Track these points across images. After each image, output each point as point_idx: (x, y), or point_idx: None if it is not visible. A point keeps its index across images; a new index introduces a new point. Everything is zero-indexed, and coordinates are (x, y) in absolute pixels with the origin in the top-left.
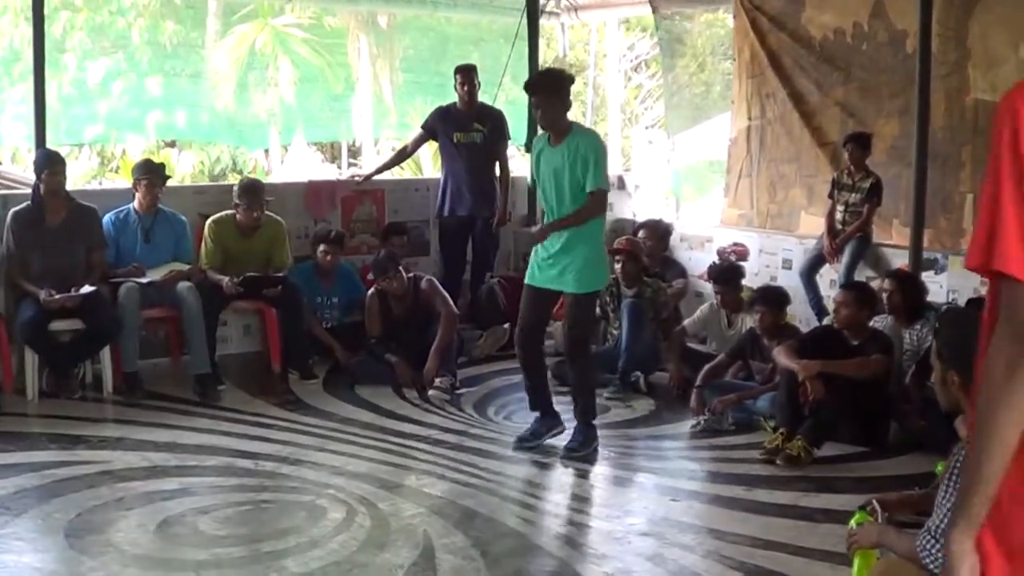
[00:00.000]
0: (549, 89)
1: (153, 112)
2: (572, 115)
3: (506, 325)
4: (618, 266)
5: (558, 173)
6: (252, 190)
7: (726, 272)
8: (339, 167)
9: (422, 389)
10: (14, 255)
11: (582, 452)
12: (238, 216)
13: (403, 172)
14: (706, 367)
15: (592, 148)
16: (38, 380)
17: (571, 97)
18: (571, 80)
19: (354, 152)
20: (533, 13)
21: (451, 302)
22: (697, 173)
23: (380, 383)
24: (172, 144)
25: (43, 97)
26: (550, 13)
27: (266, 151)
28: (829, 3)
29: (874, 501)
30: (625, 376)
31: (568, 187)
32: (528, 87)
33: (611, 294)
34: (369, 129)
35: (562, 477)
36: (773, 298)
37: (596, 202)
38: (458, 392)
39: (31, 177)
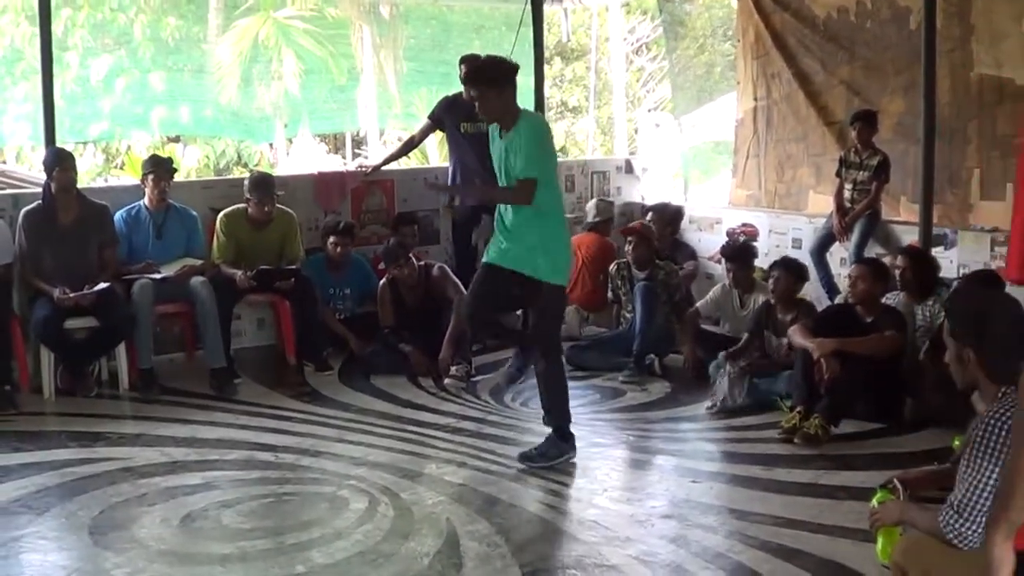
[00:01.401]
0: (482, 80)
1: (157, 108)
2: (575, 99)
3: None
4: (629, 247)
5: (506, 164)
6: (264, 184)
7: (739, 250)
8: (343, 157)
9: (437, 377)
10: (27, 254)
11: (537, 463)
12: (250, 210)
13: (410, 161)
14: (731, 350)
15: (527, 135)
16: (54, 378)
17: (513, 86)
18: (510, 69)
19: (357, 142)
20: None
21: (463, 289)
22: (704, 155)
23: (395, 373)
24: (177, 139)
25: (51, 95)
26: None
27: (270, 144)
28: None
29: (895, 479)
30: (640, 359)
31: (508, 178)
32: (462, 78)
33: (622, 277)
34: (374, 119)
35: (582, 461)
36: (791, 264)
37: (516, 190)
38: (473, 379)
39: (37, 176)
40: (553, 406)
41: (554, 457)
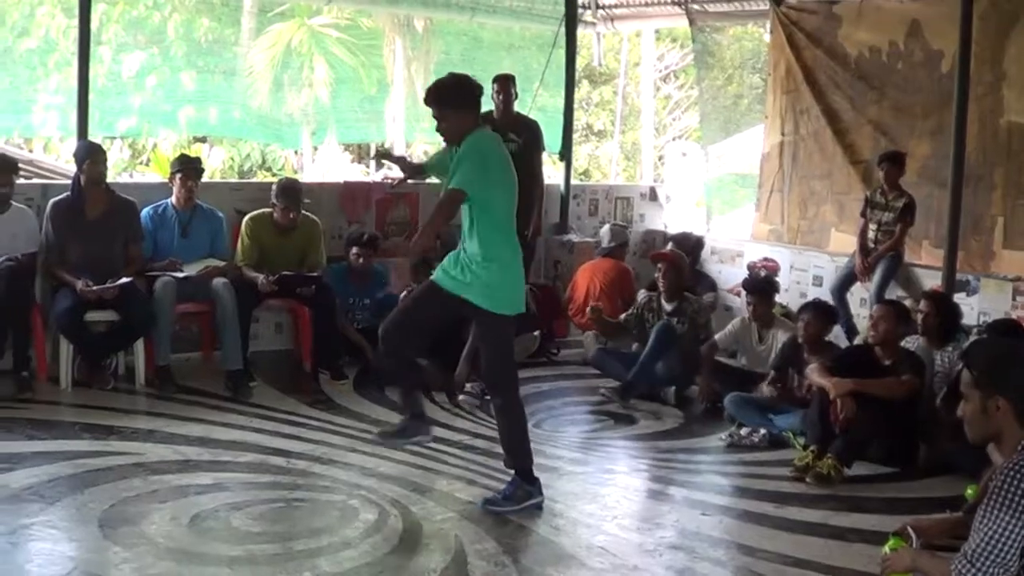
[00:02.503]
0: (441, 100)
1: (186, 107)
2: (601, 123)
3: (536, 332)
4: (659, 275)
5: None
6: (291, 191)
7: (761, 284)
8: (367, 167)
9: (452, 394)
10: (53, 245)
11: (503, 507)
12: (275, 215)
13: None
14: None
15: (466, 149)
16: (71, 369)
17: (475, 108)
18: (471, 88)
19: (382, 153)
20: (571, 22)
21: None
22: (728, 186)
23: None
24: (203, 140)
25: (87, 88)
26: (586, 23)
27: (296, 150)
28: (866, 21)
29: (908, 526)
30: (628, 388)
31: None
32: (424, 99)
33: (651, 310)
34: (401, 132)
35: (592, 487)
36: (822, 309)
37: (443, 200)
38: (487, 398)
39: (64, 167)
40: (513, 446)
41: (521, 500)
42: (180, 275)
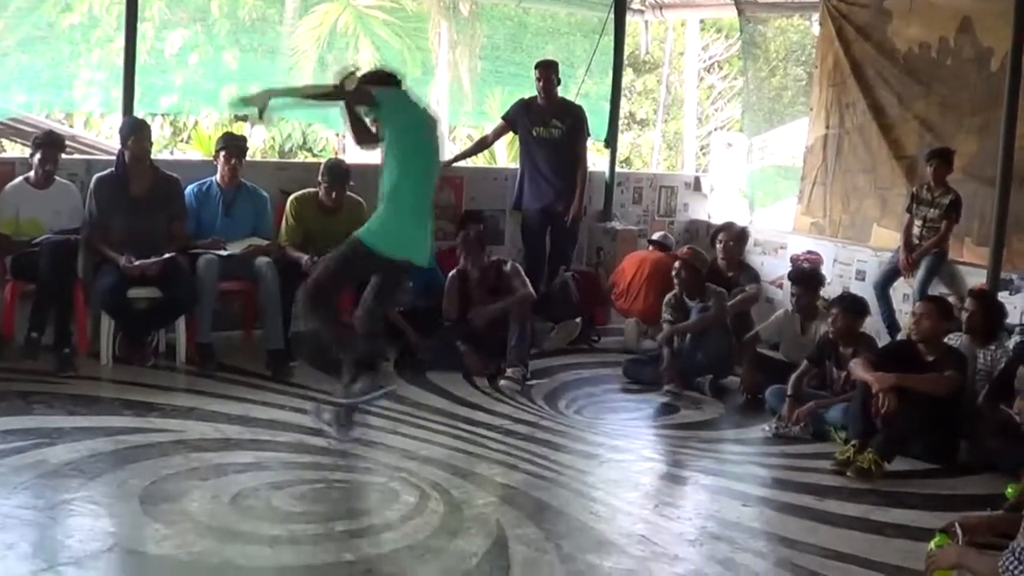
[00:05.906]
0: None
1: (228, 86)
2: (644, 112)
3: (578, 319)
4: (674, 276)
5: None
6: (337, 170)
7: (806, 275)
8: None
9: (492, 377)
10: (96, 221)
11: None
12: (320, 194)
13: (478, 160)
14: (793, 376)
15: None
16: (112, 345)
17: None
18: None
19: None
20: (620, 9)
21: (530, 286)
22: (770, 178)
23: (452, 369)
24: (244, 118)
25: (133, 64)
26: (634, 10)
27: (338, 132)
28: (917, 16)
29: (956, 523)
30: (684, 378)
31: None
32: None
33: (673, 307)
34: (445, 115)
35: (633, 475)
36: (850, 303)
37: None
38: (529, 383)
39: (105, 143)
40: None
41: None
42: (223, 253)
